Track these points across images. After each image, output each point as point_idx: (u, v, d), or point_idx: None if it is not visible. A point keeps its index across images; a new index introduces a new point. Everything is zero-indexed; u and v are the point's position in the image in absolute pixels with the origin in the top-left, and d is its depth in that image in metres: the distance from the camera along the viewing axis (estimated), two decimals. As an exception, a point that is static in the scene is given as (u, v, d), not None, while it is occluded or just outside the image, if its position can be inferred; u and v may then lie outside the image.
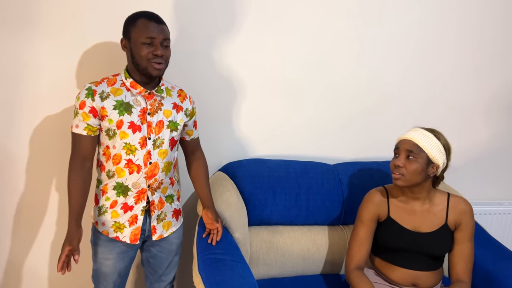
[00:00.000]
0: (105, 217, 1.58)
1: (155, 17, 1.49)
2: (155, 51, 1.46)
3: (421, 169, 1.58)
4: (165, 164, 1.60)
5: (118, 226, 1.58)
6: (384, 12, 2.07)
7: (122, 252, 1.62)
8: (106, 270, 1.63)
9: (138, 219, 1.59)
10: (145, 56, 1.46)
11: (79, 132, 1.50)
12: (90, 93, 1.49)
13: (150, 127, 1.54)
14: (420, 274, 1.65)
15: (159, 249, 1.70)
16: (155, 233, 1.65)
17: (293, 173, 1.98)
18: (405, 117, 2.23)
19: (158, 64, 1.48)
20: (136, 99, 1.53)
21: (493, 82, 2.31)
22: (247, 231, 1.83)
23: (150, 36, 1.45)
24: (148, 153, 1.55)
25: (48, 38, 1.76)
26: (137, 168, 1.54)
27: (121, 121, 1.50)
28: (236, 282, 1.44)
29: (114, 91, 1.51)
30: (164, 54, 1.48)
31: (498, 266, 1.79)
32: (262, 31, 1.97)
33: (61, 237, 1.98)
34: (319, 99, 2.12)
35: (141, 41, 1.46)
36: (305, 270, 1.96)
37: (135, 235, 1.60)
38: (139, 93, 1.52)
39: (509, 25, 2.24)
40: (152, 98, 1.55)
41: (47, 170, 1.89)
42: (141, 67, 1.49)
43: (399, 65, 2.16)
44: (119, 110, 1.50)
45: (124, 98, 1.51)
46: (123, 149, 1.52)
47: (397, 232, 1.66)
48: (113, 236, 1.59)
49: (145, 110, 1.54)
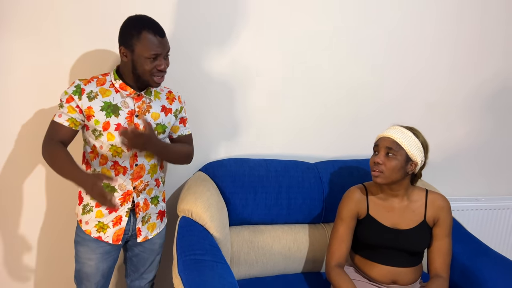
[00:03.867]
0: (89, 216, 1.58)
1: (159, 31, 1.47)
2: (159, 66, 1.46)
3: (400, 166, 1.60)
4: (151, 166, 1.61)
5: (101, 226, 1.58)
6: (363, 12, 2.08)
7: (105, 252, 1.61)
8: (89, 270, 1.61)
9: (122, 220, 1.59)
10: (149, 70, 1.46)
11: (61, 122, 1.48)
12: (78, 90, 1.48)
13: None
14: (400, 271, 1.67)
15: (142, 249, 1.71)
16: (140, 235, 1.65)
17: (274, 172, 1.98)
18: (384, 116, 2.25)
19: (160, 78, 1.49)
20: (125, 101, 1.53)
21: (469, 80, 2.35)
22: (228, 231, 1.82)
23: (156, 53, 1.45)
24: (134, 156, 1.55)
25: (20, 37, 1.72)
26: (123, 170, 1.55)
27: (108, 122, 1.49)
28: (216, 282, 1.43)
29: (102, 91, 1.51)
30: (167, 66, 1.49)
31: (475, 261, 1.82)
32: (244, 32, 1.97)
33: (46, 233, 1.93)
34: (299, 98, 2.12)
35: (145, 56, 1.45)
36: (286, 269, 1.96)
37: (118, 236, 1.60)
38: (129, 95, 1.52)
39: (485, 24, 2.28)
40: (141, 100, 1.55)
41: (18, 170, 1.86)
42: (142, 79, 1.49)
43: (377, 64, 2.18)
44: (106, 111, 1.49)
45: (112, 100, 1.51)
46: (109, 150, 1.52)
47: (376, 229, 1.67)
48: (96, 236, 1.58)
49: (133, 112, 1.53)
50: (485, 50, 2.32)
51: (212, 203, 1.77)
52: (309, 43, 2.06)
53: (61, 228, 1.96)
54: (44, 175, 1.89)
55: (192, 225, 1.71)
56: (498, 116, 2.46)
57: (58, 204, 1.93)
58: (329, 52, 2.10)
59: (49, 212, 1.93)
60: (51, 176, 1.89)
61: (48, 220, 1.94)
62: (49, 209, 1.93)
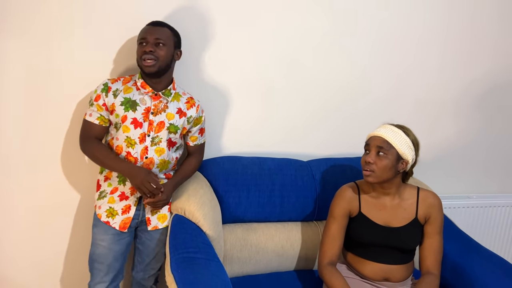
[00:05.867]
0: (103, 201, 1.71)
1: (156, 22, 1.66)
2: (145, 48, 1.59)
3: (391, 165, 1.61)
4: (161, 161, 1.71)
5: (111, 212, 1.70)
6: (352, 10, 2.09)
7: (117, 234, 1.71)
8: (102, 251, 1.71)
9: (131, 209, 1.71)
10: (139, 55, 1.62)
11: (92, 120, 1.67)
12: (105, 89, 1.65)
13: (151, 125, 1.67)
14: (391, 268, 1.68)
15: (149, 237, 1.78)
16: (150, 224, 1.75)
17: (267, 170, 1.99)
18: (376, 114, 2.26)
19: (148, 61, 1.59)
20: (143, 98, 1.67)
21: (460, 78, 2.36)
22: (221, 229, 1.83)
23: (143, 37, 1.62)
24: (145, 149, 1.67)
25: (14, 37, 1.72)
26: (134, 160, 1.67)
27: (125, 116, 1.64)
28: (209, 280, 1.44)
29: (125, 89, 1.67)
30: (155, 51, 1.59)
31: (465, 258, 1.84)
32: (234, 31, 1.97)
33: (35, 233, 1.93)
34: (291, 96, 2.13)
35: (138, 43, 1.63)
36: (279, 266, 1.97)
37: (125, 224, 1.71)
38: (147, 93, 1.67)
39: (475, 23, 2.30)
40: (158, 99, 1.68)
41: (11, 169, 1.84)
42: (139, 66, 1.64)
43: (368, 62, 2.19)
44: (125, 106, 1.64)
45: (132, 96, 1.66)
46: (124, 141, 1.65)
47: (368, 227, 1.68)
48: (105, 221, 1.70)
49: (149, 109, 1.67)
50: (475, 49, 2.34)
51: (205, 201, 1.77)
52: (300, 41, 2.06)
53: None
54: (43, 174, 1.88)
55: (185, 223, 1.71)
56: (487, 114, 2.48)
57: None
58: (319, 50, 2.10)
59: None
60: (51, 175, 1.90)
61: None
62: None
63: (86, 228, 1.98)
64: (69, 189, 1.93)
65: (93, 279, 1.75)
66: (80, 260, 2.01)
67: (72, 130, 1.86)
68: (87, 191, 1.94)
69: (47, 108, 1.82)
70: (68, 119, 1.86)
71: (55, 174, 1.89)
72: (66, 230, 1.97)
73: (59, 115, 1.84)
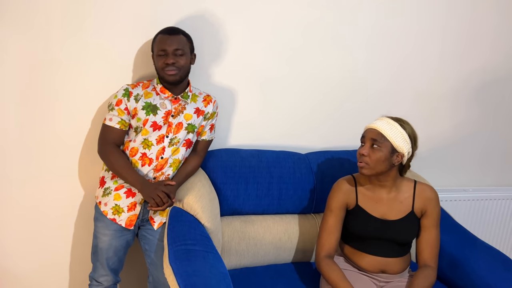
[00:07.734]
0: (108, 198, 1.73)
1: (170, 30, 1.69)
2: (166, 60, 1.65)
3: (385, 158, 1.60)
4: (174, 160, 1.76)
5: (117, 209, 1.72)
6: (351, 3, 2.08)
7: (119, 230, 1.74)
8: (103, 245, 1.75)
9: (136, 207, 1.74)
10: (160, 66, 1.67)
11: (112, 125, 1.70)
12: (127, 93, 1.70)
13: (170, 127, 1.73)
14: (388, 261, 1.69)
15: (153, 233, 1.79)
16: (154, 223, 1.79)
17: (265, 162, 1.99)
18: (375, 106, 2.26)
19: (171, 71, 1.66)
20: (163, 103, 1.73)
21: (458, 71, 2.36)
22: (219, 221, 1.83)
23: (162, 49, 1.66)
24: (162, 149, 1.73)
25: (11, 28, 1.71)
26: (149, 161, 1.72)
27: (146, 120, 1.70)
28: (207, 272, 1.45)
29: (146, 94, 1.73)
30: (176, 62, 1.66)
31: (462, 251, 1.85)
32: (233, 23, 1.96)
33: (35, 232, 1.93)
34: (291, 89, 2.12)
35: (157, 53, 1.68)
36: (277, 258, 1.98)
37: (131, 221, 1.74)
38: (167, 97, 1.73)
39: (474, 15, 2.29)
40: (178, 102, 1.75)
41: (11, 165, 1.84)
42: (160, 76, 1.71)
43: (367, 54, 2.18)
44: (146, 110, 1.70)
45: (152, 101, 1.72)
46: (141, 144, 1.71)
47: (365, 220, 1.69)
48: (111, 218, 1.73)
49: (169, 112, 1.73)
50: (474, 41, 2.33)
51: (203, 193, 1.78)
52: (301, 33, 2.06)
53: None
54: (41, 172, 1.89)
55: (183, 215, 1.72)
56: (485, 107, 2.48)
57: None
58: (319, 44, 2.09)
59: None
60: (47, 176, 1.90)
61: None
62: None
63: (89, 221, 1.98)
64: (72, 186, 1.95)
65: (94, 271, 1.79)
66: (83, 251, 2.03)
67: (73, 127, 1.88)
68: (90, 187, 1.96)
69: (53, 108, 1.83)
70: (74, 119, 1.88)
71: (58, 171, 1.91)
72: (70, 223, 2.00)
73: (60, 115, 1.85)
